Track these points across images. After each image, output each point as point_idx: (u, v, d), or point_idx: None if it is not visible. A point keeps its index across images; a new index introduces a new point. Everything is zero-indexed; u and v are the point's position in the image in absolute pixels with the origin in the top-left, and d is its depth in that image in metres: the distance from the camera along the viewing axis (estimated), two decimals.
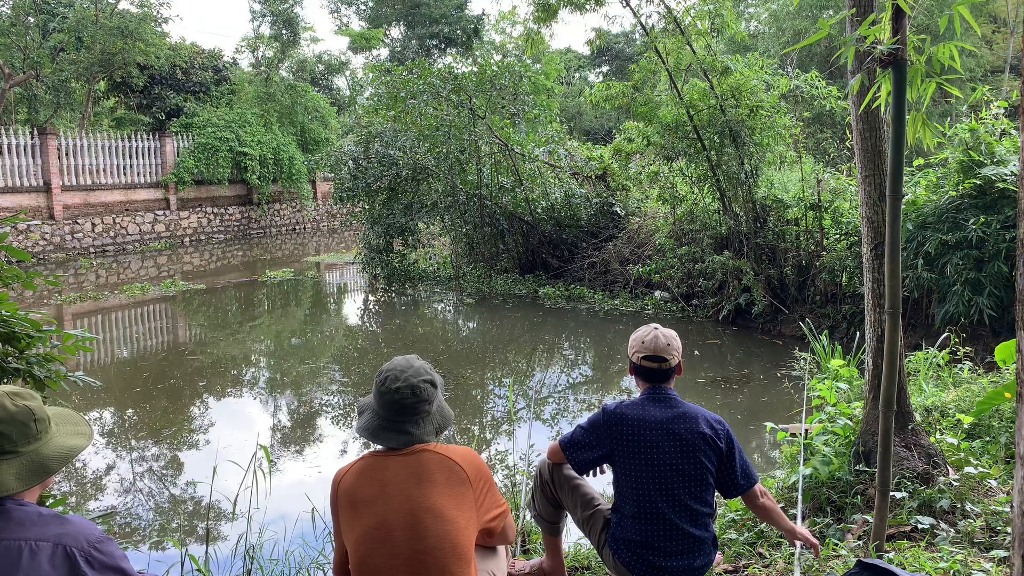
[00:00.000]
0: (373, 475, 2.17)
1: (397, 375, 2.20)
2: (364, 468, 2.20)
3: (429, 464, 2.18)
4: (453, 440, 6.35)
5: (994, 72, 24.00)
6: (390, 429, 2.21)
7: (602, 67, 43.00)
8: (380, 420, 2.21)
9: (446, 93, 13.43)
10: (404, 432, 2.20)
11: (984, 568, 2.86)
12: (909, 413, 3.72)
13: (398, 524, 2.11)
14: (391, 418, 2.20)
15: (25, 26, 20.51)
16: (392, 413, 2.19)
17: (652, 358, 2.70)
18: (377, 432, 2.21)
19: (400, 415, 2.19)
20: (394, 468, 2.17)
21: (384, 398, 2.19)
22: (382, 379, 2.22)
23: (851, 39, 2.78)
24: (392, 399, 2.18)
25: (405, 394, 2.18)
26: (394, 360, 2.25)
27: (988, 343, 6.79)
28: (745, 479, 2.71)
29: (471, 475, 2.22)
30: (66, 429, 1.89)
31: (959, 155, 7.74)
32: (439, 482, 2.16)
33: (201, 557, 3.30)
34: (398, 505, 2.11)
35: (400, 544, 2.10)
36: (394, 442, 2.19)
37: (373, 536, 2.11)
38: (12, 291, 6.46)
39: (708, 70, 10.36)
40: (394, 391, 2.18)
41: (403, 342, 10.31)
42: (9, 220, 3.60)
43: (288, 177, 23.97)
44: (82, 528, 1.74)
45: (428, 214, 14.58)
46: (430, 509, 2.12)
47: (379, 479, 2.15)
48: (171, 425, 6.86)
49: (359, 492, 2.16)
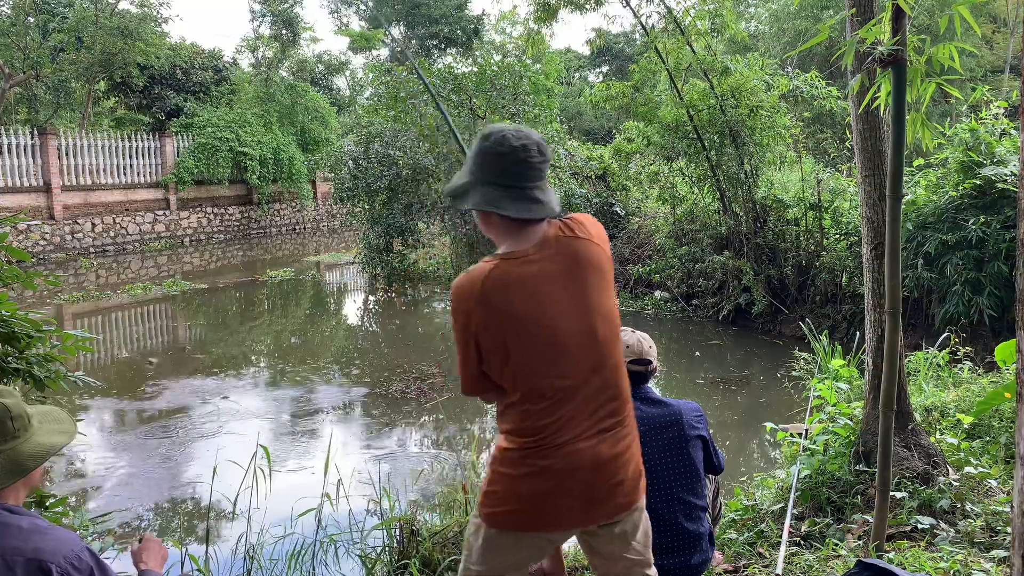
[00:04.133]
0: (520, 281, 1.82)
1: (514, 133, 1.82)
2: (505, 276, 1.82)
3: (576, 253, 1.87)
4: (455, 442, 6.36)
5: (994, 72, 23.99)
6: (520, 198, 1.81)
7: (602, 67, 42.98)
8: (502, 189, 1.82)
9: (446, 93, 13.43)
10: (537, 200, 1.83)
11: (984, 568, 2.86)
12: (909, 413, 3.72)
13: (571, 334, 1.84)
14: (518, 184, 1.82)
15: (25, 26, 20.49)
16: (518, 178, 1.81)
17: (638, 361, 2.73)
18: (502, 201, 1.81)
19: (529, 179, 1.82)
20: (541, 267, 1.83)
21: (507, 159, 1.81)
22: (498, 138, 1.82)
23: (852, 40, 2.78)
24: (519, 158, 1.80)
25: (533, 152, 1.82)
26: (491, 126, 1.88)
27: (988, 343, 6.78)
28: (718, 460, 2.87)
29: (608, 252, 1.94)
30: (48, 427, 1.84)
31: (959, 155, 7.74)
32: (591, 271, 1.88)
33: (201, 557, 3.30)
34: (551, 313, 1.82)
35: (576, 360, 1.86)
36: (529, 211, 1.82)
37: (542, 355, 1.83)
38: (12, 291, 6.46)
39: (708, 70, 10.36)
40: (521, 148, 1.80)
41: (403, 342, 10.31)
42: (9, 220, 3.59)
43: (288, 177, 23.96)
44: (63, 542, 1.69)
45: (428, 214, 14.58)
46: (597, 311, 1.87)
47: (530, 286, 1.82)
48: (171, 425, 6.86)
49: (514, 307, 1.81)
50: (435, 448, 6.29)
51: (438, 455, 6.10)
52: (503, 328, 1.83)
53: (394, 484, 5.31)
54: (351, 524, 3.77)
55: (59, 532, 1.73)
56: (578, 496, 1.93)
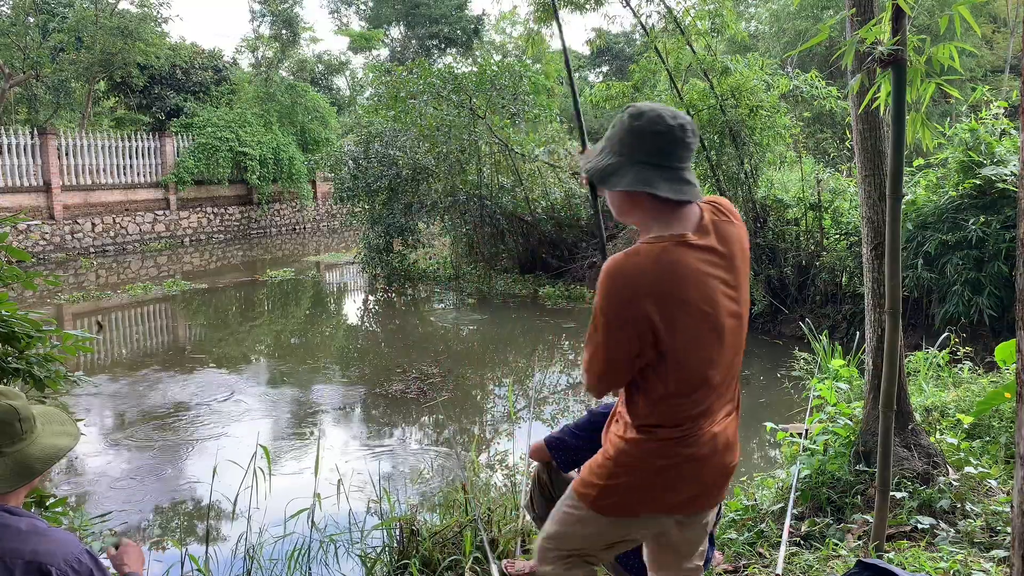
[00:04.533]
0: (689, 267, 1.73)
1: (668, 112, 1.73)
2: (676, 261, 1.72)
3: (733, 238, 1.80)
4: (455, 442, 6.36)
5: (994, 72, 23.98)
6: (674, 179, 1.73)
7: (602, 67, 42.96)
8: (656, 169, 1.73)
9: (446, 93, 13.43)
10: (689, 182, 1.75)
11: (984, 568, 2.86)
12: (909, 413, 3.72)
13: (729, 323, 1.78)
14: (673, 164, 1.73)
15: (25, 26, 20.49)
16: (673, 158, 1.73)
17: None
18: (656, 181, 1.72)
19: (682, 159, 1.74)
20: (706, 253, 1.75)
21: (663, 138, 1.72)
22: (653, 116, 1.73)
23: (852, 40, 2.78)
24: (676, 137, 1.72)
25: (689, 132, 1.74)
26: (637, 105, 1.78)
27: (988, 343, 6.79)
28: None
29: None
30: (52, 428, 1.83)
31: (959, 155, 7.74)
32: (743, 257, 1.82)
33: (201, 557, 3.30)
34: (717, 300, 1.76)
35: (728, 349, 1.81)
36: (683, 192, 1.73)
37: (705, 346, 1.77)
38: (12, 291, 6.46)
39: (708, 70, 10.36)
40: (679, 128, 1.72)
41: (403, 342, 10.31)
42: (9, 220, 3.59)
43: (288, 177, 23.97)
44: (62, 545, 1.69)
45: (428, 214, 14.58)
46: (746, 298, 1.83)
47: (700, 273, 1.74)
48: (171, 424, 6.86)
49: (687, 294, 1.72)
50: (435, 448, 6.29)
51: (438, 455, 6.10)
52: (672, 316, 1.72)
53: (394, 484, 5.32)
54: (351, 524, 3.78)
55: (58, 534, 1.73)
56: (710, 482, 1.91)
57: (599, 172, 1.80)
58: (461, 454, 5.94)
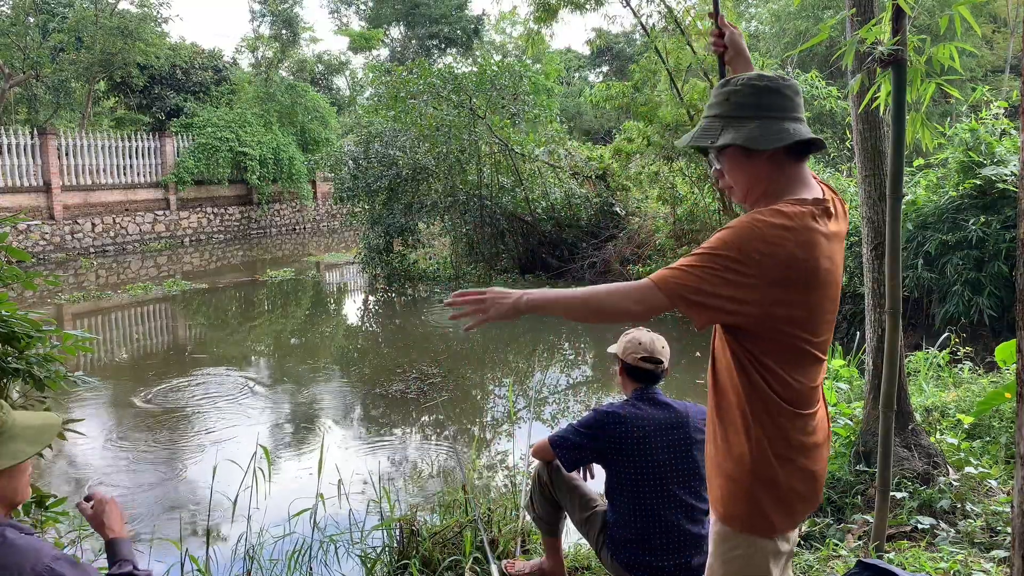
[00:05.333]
0: (828, 236, 1.66)
1: (768, 74, 1.76)
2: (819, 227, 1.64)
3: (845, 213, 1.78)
4: (454, 443, 6.36)
5: (994, 72, 23.98)
6: (804, 131, 1.71)
7: (602, 67, 42.97)
8: (786, 118, 1.69)
9: (446, 93, 13.44)
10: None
11: (984, 568, 2.86)
12: (909, 413, 3.72)
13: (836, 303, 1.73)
14: (797, 114, 1.72)
15: (25, 26, 20.50)
16: (798, 109, 1.72)
17: (651, 359, 2.73)
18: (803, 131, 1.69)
19: (798, 109, 1.72)
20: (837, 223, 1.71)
21: (783, 93, 1.69)
22: (767, 77, 1.71)
23: (852, 40, 2.78)
24: (786, 84, 1.72)
25: (796, 88, 1.74)
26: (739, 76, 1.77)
27: (988, 343, 6.79)
28: None
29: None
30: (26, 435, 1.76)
31: (959, 155, 7.74)
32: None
33: (201, 557, 3.30)
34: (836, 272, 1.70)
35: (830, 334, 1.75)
36: (814, 137, 1.72)
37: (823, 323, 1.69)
38: (12, 291, 6.46)
39: (708, 70, 10.36)
40: (788, 86, 1.71)
41: (403, 342, 10.31)
42: (9, 220, 3.59)
43: (288, 177, 23.98)
44: (30, 554, 1.61)
45: (428, 214, 14.58)
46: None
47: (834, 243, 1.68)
48: (171, 424, 6.86)
49: (820, 265, 1.63)
50: (435, 448, 6.29)
51: (438, 455, 6.10)
52: (808, 284, 1.62)
53: (394, 484, 5.32)
54: (351, 524, 3.77)
55: (27, 542, 1.64)
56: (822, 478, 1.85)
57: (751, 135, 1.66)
58: (461, 454, 5.94)
